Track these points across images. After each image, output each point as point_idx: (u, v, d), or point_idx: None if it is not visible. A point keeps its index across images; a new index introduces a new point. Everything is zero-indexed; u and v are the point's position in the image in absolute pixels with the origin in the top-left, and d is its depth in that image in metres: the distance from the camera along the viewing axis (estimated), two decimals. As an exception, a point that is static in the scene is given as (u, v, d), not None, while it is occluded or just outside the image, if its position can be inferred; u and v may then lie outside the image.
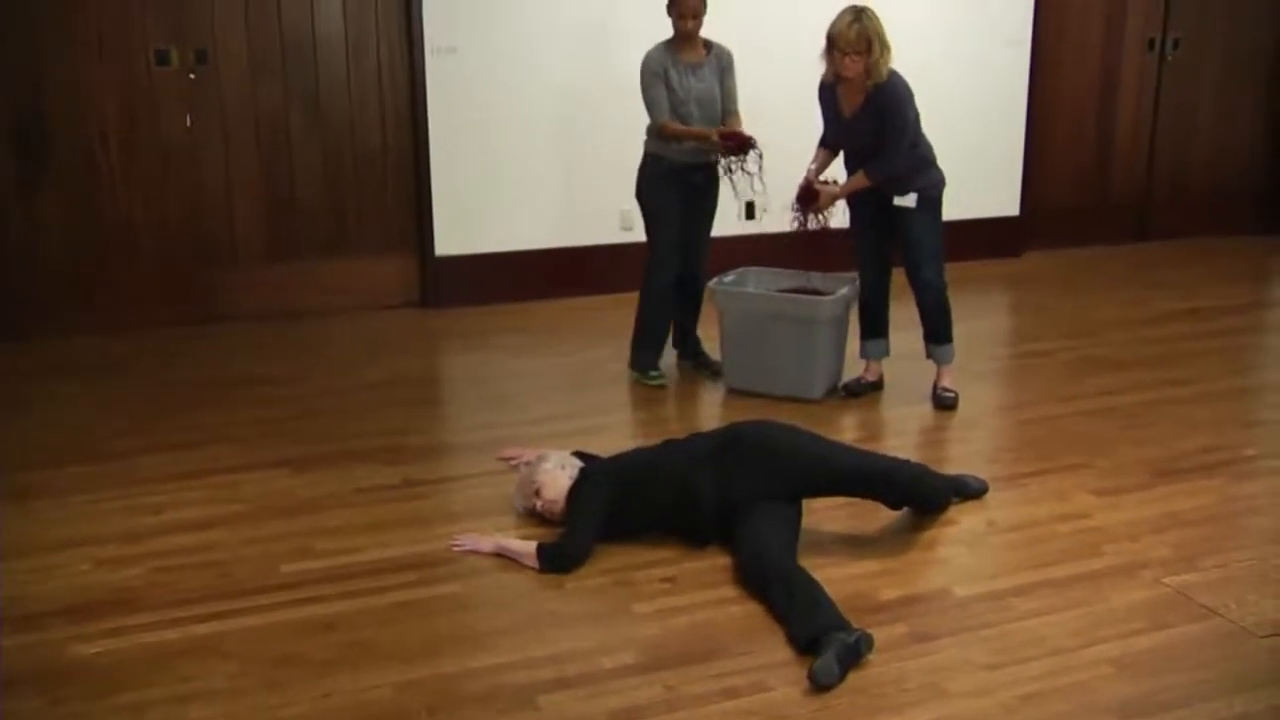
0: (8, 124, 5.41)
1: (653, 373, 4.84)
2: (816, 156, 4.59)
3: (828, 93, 4.48)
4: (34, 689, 2.72)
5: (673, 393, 4.77)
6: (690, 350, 5.06)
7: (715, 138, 4.57)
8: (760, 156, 4.57)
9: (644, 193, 4.84)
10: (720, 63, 4.74)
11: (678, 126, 4.62)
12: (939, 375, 4.63)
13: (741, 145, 4.54)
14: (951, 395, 4.56)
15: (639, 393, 4.78)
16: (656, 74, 4.64)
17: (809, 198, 4.45)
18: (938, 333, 4.58)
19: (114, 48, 5.48)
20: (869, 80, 4.26)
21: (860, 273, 4.70)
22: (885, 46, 4.23)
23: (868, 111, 4.33)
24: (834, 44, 4.24)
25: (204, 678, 2.75)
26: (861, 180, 4.38)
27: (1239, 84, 7.81)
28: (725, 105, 4.74)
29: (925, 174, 4.42)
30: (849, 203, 4.57)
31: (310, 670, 2.78)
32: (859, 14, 4.23)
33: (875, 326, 4.76)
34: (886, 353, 4.79)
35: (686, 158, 4.70)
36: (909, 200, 4.40)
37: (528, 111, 6.07)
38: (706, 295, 4.86)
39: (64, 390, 4.85)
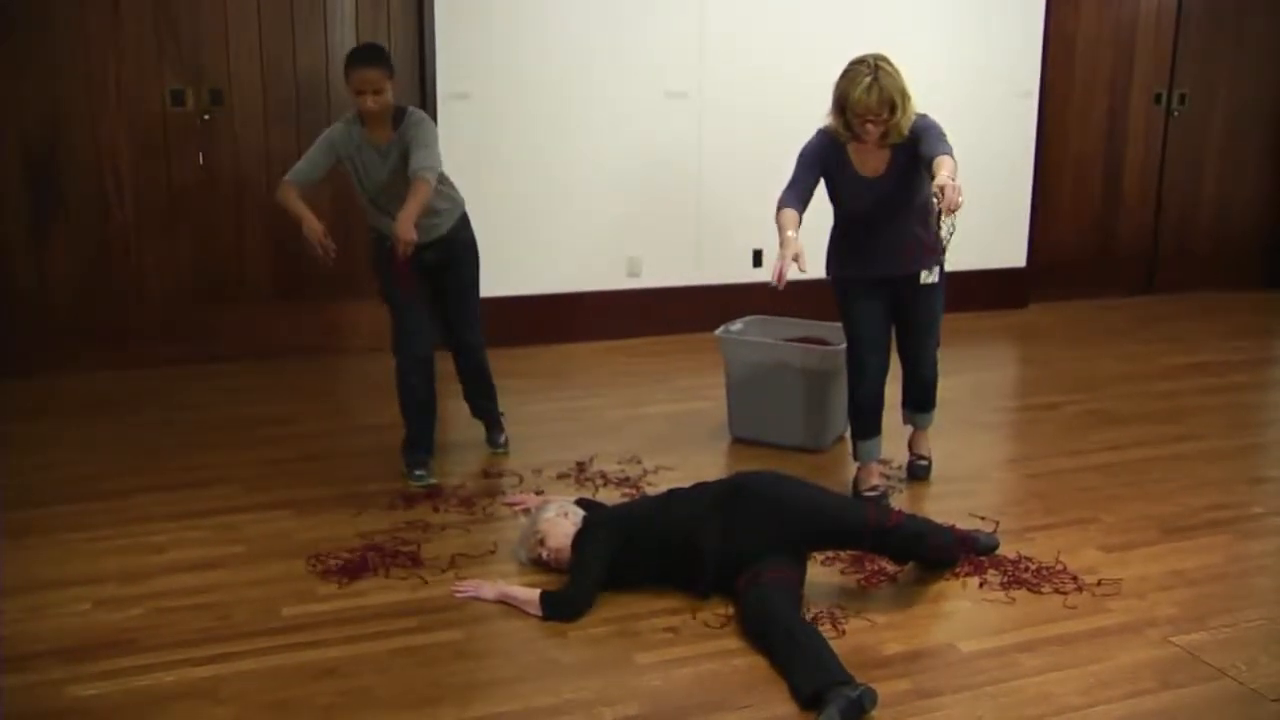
0: (20, 160, 5.45)
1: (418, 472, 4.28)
2: (788, 221, 3.73)
3: (829, 149, 3.87)
4: (29, 731, 2.69)
5: (676, 442, 4.75)
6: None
7: None
8: None
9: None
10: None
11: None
12: (916, 441, 4.39)
13: None
14: (926, 463, 4.37)
15: (640, 440, 4.76)
16: None
17: (952, 207, 3.39)
18: (929, 400, 4.31)
19: (129, 87, 5.53)
20: (888, 140, 3.76)
21: (860, 365, 4.08)
22: (907, 98, 3.70)
23: (896, 163, 3.81)
24: (850, 109, 3.69)
25: (201, 722, 2.72)
26: (951, 163, 3.55)
27: (1246, 139, 7.87)
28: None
29: (938, 244, 3.69)
30: (842, 280, 4.06)
31: (309, 716, 2.75)
32: (875, 71, 3.67)
33: (874, 424, 4.16)
34: (879, 454, 4.22)
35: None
36: (933, 277, 3.93)
37: (536, 158, 6.11)
38: (714, 342, 4.83)
39: (67, 427, 4.85)
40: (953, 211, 3.40)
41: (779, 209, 3.80)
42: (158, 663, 2.97)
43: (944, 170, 3.52)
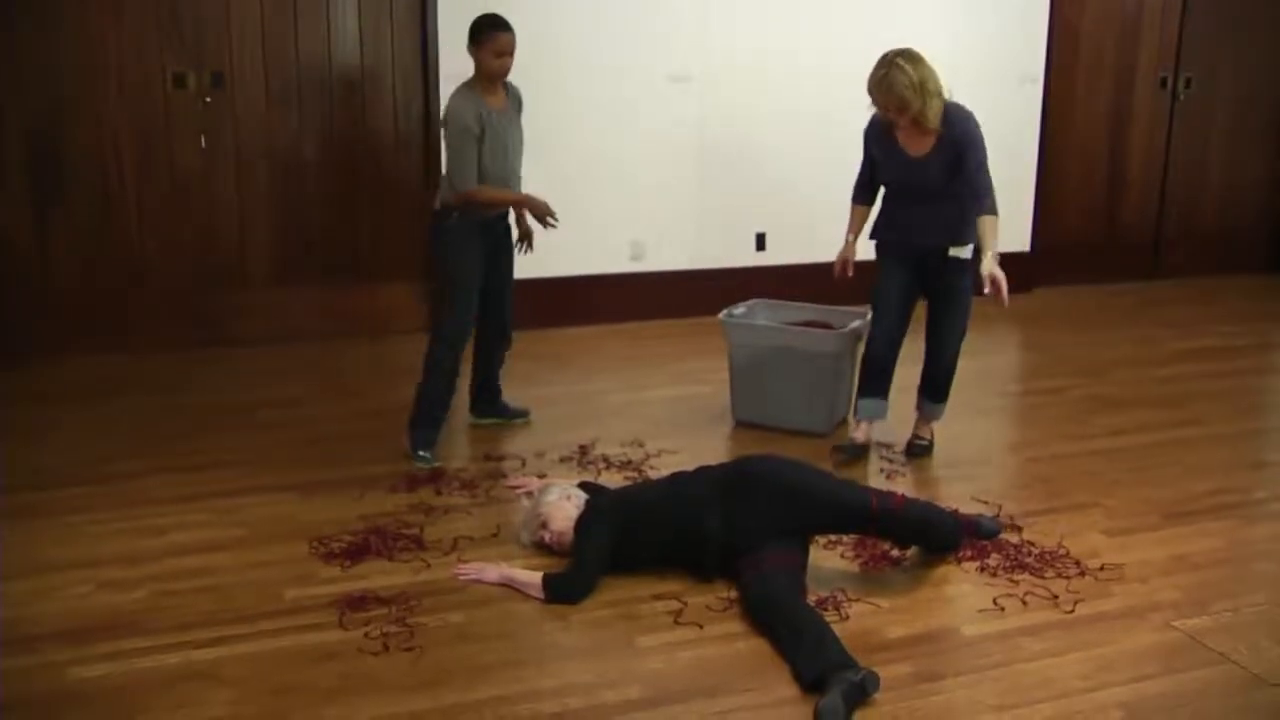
0: (22, 145, 5.43)
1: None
2: (852, 220, 4.30)
3: (879, 130, 4.11)
4: (32, 713, 2.69)
5: (679, 425, 4.75)
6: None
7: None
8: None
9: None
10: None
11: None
12: (918, 424, 4.44)
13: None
14: (925, 443, 4.42)
15: (642, 423, 4.76)
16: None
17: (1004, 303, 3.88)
18: (942, 390, 4.37)
19: (131, 70, 5.51)
20: (920, 127, 3.93)
21: (876, 320, 4.29)
22: (929, 94, 3.85)
23: (941, 151, 3.98)
24: (871, 99, 3.91)
25: (202, 705, 2.72)
26: (993, 222, 3.95)
27: (1251, 123, 7.83)
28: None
29: (973, 225, 4.05)
30: (881, 244, 4.27)
31: (310, 699, 2.75)
32: (889, 65, 3.84)
33: (879, 384, 4.34)
34: (884, 416, 4.40)
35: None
36: (965, 252, 4.04)
37: (538, 141, 6.08)
38: (717, 326, 4.83)
39: (70, 412, 4.85)
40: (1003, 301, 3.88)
41: (852, 202, 4.30)
42: (160, 645, 2.97)
43: (989, 251, 3.91)
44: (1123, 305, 7.11)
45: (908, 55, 3.90)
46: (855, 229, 4.34)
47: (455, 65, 5.89)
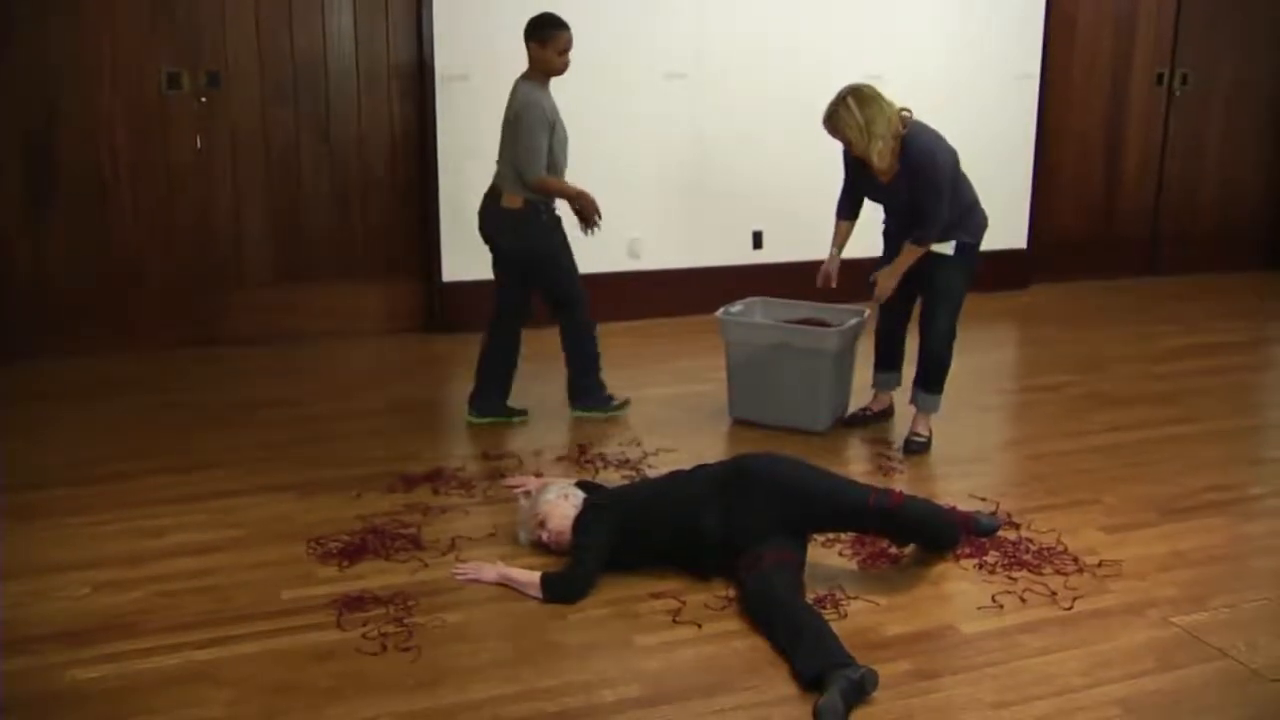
0: (17, 144, 5.43)
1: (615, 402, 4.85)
2: (835, 234, 4.52)
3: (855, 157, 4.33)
4: (30, 714, 2.69)
5: (677, 424, 4.75)
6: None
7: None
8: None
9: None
10: None
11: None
12: (915, 420, 4.51)
13: None
14: (922, 440, 4.45)
15: (640, 423, 4.76)
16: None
17: (871, 292, 4.36)
18: (930, 381, 4.46)
19: (125, 70, 5.50)
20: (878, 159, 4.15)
21: (879, 313, 4.65)
22: (874, 136, 4.05)
23: (904, 178, 4.20)
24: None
25: (201, 705, 2.72)
26: (913, 251, 4.24)
27: (1247, 119, 7.84)
28: None
29: (967, 221, 4.29)
30: (884, 234, 4.51)
31: (309, 699, 2.75)
32: (839, 104, 4.10)
33: (891, 358, 4.72)
34: (899, 384, 4.75)
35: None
36: (947, 248, 4.27)
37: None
38: (714, 325, 4.84)
39: (67, 411, 4.85)
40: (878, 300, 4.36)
41: (835, 216, 4.54)
42: (158, 646, 2.97)
43: (893, 267, 4.29)
44: (1120, 302, 7.11)
45: (859, 95, 4.09)
46: (838, 242, 4.55)
47: (451, 63, 5.92)
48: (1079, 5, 7.19)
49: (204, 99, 5.63)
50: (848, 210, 4.52)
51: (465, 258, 6.09)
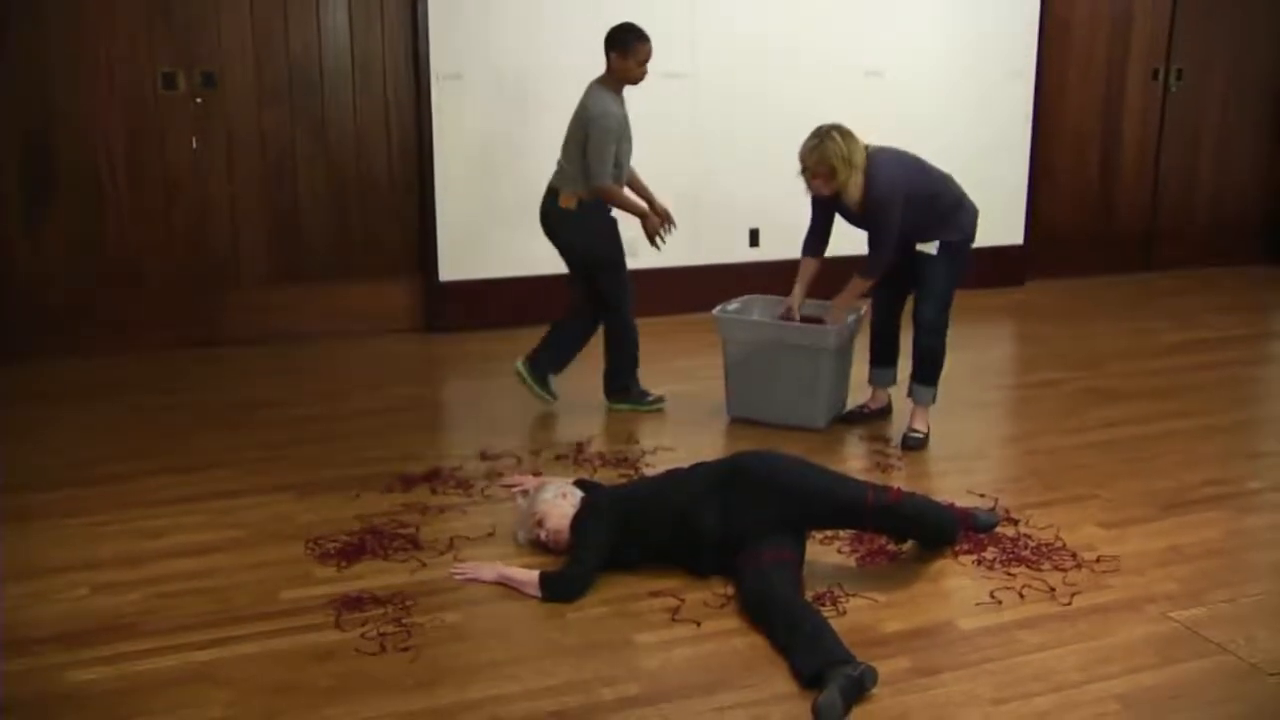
0: (14, 146, 5.42)
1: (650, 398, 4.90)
2: (801, 272, 4.57)
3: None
4: (29, 716, 2.69)
5: (675, 422, 4.76)
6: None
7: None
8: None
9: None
10: None
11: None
12: (913, 415, 4.53)
13: None
14: (920, 436, 4.47)
15: (639, 421, 4.77)
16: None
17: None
18: (923, 374, 4.50)
19: (121, 71, 5.50)
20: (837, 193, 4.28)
21: (874, 298, 4.69)
22: (852, 168, 4.22)
23: (867, 207, 4.32)
24: (802, 165, 4.26)
25: (200, 706, 2.72)
26: (858, 285, 4.42)
27: (1243, 114, 7.84)
28: None
29: (949, 224, 4.37)
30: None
31: (308, 699, 2.75)
32: (822, 137, 4.22)
33: (885, 354, 4.77)
34: (894, 381, 4.78)
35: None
36: (930, 248, 4.37)
37: (532, 138, 6.08)
38: (711, 322, 4.84)
39: (64, 412, 4.84)
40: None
41: (801, 254, 4.62)
42: (157, 647, 2.97)
43: (839, 301, 4.49)
44: (1116, 297, 7.11)
45: (841, 130, 4.25)
46: (804, 280, 4.59)
47: (446, 62, 5.91)
48: (1074, 2, 7.20)
49: (199, 99, 5.63)
50: (814, 247, 4.58)
51: (461, 257, 6.10)
